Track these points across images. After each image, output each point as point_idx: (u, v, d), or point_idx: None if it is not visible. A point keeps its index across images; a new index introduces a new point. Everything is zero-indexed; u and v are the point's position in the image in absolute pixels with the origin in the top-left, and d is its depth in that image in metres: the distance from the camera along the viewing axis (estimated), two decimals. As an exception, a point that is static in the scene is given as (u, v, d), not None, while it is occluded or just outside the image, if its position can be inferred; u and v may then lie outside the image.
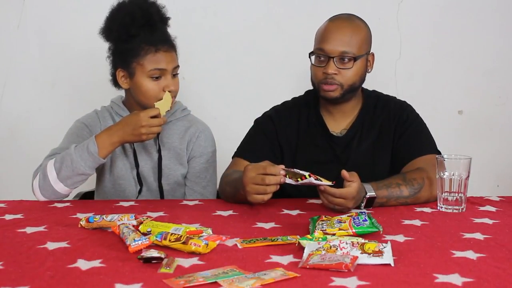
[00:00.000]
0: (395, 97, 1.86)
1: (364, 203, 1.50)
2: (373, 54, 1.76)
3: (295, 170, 1.41)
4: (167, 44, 1.73)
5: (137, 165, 1.82)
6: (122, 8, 1.72)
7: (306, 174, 1.38)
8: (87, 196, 1.93)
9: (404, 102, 1.84)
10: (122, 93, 1.88)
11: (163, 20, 1.77)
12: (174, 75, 1.75)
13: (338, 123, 1.79)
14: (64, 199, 1.69)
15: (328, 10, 2.46)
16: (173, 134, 1.84)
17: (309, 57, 1.72)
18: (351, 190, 1.42)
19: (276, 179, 1.39)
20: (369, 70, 1.76)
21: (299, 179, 1.38)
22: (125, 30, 1.70)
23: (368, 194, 1.50)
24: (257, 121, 1.87)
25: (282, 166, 1.41)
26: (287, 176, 1.40)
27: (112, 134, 1.65)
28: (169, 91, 1.71)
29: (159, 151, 1.82)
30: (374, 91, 1.86)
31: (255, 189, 1.41)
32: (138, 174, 1.82)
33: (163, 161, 1.82)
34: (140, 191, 1.82)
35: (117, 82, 1.78)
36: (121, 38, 1.72)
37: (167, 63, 1.71)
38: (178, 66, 1.77)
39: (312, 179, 1.38)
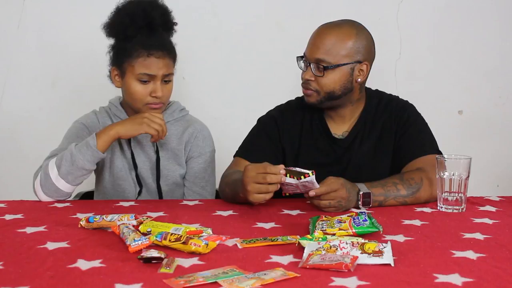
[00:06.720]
0: (397, 97, 1.84)
1: (360, 200, 1.50)
2: (367, 64, 1.70)
3: (297, 168, 1.42)
4: (162, 50, 1.70)
5: (135, 166, 1.82)
6: (126, 7, 1.72)
7: (310, 172, 1.39)
8: (87, 196, 1.93)
9: (406, 102, 1.83)
10: (119, 92, 1.88)
11: (166, 25, 1.76)
12: (166, 82, 1.73)
13: (340, 125, 1.79)
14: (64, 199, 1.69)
15: (328, 10, 2.47)
16: (171, 134, 1.83)
17: (297, 61, 1.74)
18: (329, 179, 1.45)
19: (277, 177, 1.39)
20: (359, 80, 1.70)
21: (302, 177, 1.39)
22: (123, 30, 1.70)
23: (361, 190, 1.51)
24: (260, 121, 1.85)
25: (282, 166, 1.41)
26: (288, 175, 1.40)
27: (111, 128, 1.67)
28: (155, 97, 1.71)
29: (157, 152, 1.82)
30: (377, 90, 1.85)
31: (257, 188, 1.40)
32: (137, 176, 1.82)
33: (161, 161, 1.82)
34: (140, 192, 1.82)
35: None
36: (119, 37, 1.73)
37: (158, 69, 1.69)
38: (171, 74, 1.74)
39: (313, 178, 1.38)
